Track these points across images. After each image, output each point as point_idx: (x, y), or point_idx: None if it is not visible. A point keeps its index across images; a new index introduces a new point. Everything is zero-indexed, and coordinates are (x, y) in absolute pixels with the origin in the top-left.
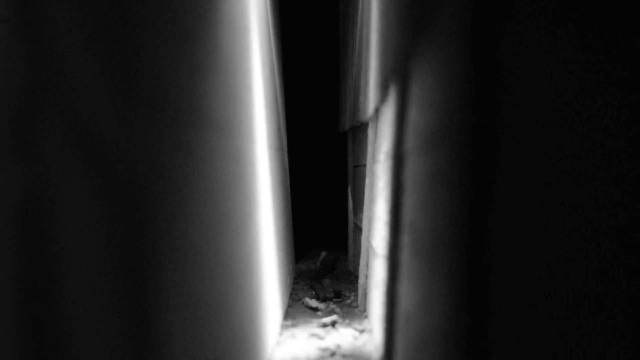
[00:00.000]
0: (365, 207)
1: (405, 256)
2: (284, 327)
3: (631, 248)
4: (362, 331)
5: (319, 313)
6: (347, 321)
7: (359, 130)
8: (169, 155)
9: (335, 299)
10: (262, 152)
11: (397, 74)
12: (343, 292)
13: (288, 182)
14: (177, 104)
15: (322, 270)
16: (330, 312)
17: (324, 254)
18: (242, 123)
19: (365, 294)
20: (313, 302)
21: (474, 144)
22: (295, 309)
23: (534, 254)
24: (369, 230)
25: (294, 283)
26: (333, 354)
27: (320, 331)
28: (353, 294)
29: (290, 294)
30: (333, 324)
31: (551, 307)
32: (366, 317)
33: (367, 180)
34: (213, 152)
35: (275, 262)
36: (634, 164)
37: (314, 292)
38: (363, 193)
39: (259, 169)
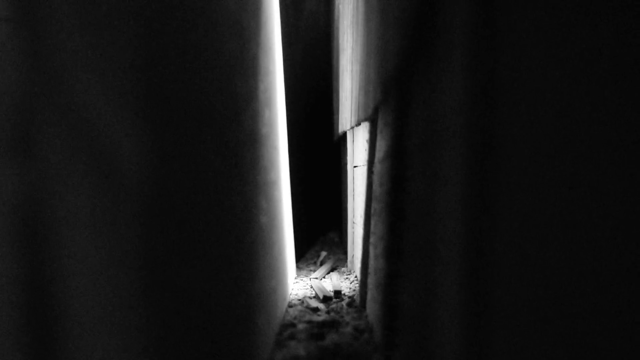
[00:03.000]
0: (365, 207)
1: (405, 255)
2: (284, 326)
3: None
4: (362, 331)
5: (319, 313)
6: (347, 321)
7: (359, 131)
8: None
9: (335, 299)
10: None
11: (397, 73)
12: (343, 292)
13: (289, 182)
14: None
15: (322, 270)
16: (330, 312)
17: (323, 254)
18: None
19: (365, 294)
20: (313, 302)
21: (474, 143)
22: (295, 309)
23: (531, 253)
24: (369, 230)
25: (294, 283)
26: (333, 354)
27: (320, 331)
28: (353, 293)
29: (290, 294)
30: (333, 324)
31: (551, 306)
32: (366, 316)
33: (366, 180)
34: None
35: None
36: (631, 164)
37: (314, 292)
38: (363, 193)
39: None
